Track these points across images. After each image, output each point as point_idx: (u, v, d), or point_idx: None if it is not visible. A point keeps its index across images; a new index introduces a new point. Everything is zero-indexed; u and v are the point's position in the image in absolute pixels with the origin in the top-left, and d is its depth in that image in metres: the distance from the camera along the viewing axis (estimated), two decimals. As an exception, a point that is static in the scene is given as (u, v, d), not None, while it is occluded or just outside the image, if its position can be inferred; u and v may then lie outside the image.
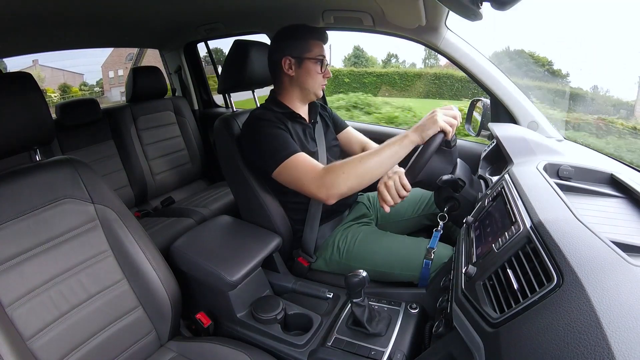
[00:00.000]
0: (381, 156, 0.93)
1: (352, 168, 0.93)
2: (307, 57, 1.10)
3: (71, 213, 0.82)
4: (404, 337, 0.85)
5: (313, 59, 1.10)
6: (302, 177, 0.97)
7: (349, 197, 1.18)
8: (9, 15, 1.13)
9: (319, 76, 1.13)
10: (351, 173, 0.93)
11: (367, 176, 0.94)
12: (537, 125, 1.22)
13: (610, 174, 0.78)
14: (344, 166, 0.94)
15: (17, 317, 0.71)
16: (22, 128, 0.78)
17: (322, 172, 0.96)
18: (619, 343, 0.33)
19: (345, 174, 0.93)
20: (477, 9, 0.73)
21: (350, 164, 0.94)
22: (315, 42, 1.12)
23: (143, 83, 2.00)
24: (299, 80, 1.12)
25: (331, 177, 0.94)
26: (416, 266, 0.99)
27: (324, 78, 1.15)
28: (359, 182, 0.94)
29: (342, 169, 0.94)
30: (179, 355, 0.88)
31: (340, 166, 0.95)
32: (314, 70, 1.12)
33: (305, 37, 1.11)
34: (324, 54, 1.13)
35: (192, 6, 1.50)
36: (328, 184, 0.94)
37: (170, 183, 2.09)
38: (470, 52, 1.25)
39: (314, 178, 0.96)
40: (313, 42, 1.11)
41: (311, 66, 1.11)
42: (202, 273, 0.99)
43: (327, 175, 0.94)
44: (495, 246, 0.60)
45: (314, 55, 1.11)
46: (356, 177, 0.93)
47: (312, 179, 0.96)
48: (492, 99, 1.29)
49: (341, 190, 0.94)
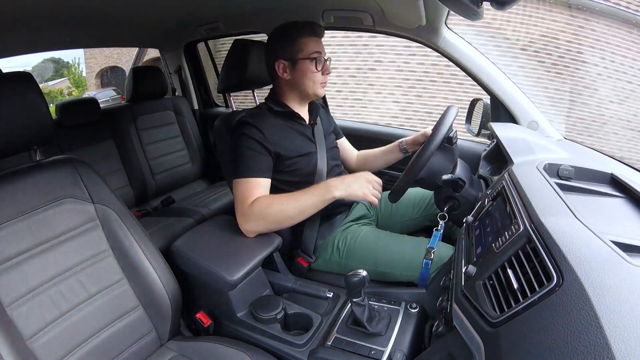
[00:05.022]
0: (302, 205, 0.98)
1: (272, 213, 0.98)
2: (300, 58, 1.06)
3: (71, 213, 0.82)
4: (403, 336, 0.85)
5: (307, 58, 1.05)
6: (237, 201, 1.02)
7: None
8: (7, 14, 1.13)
9: (316, 75, 1.08)
10: (270, 219, 0.99)
11: (285, 223, 1.01)
12: (537, 125, 1.22)
13: (610, 174, 0.78)
14: (266, 208, 0.98)
15: (17, 317, 0.71)
16: (22, 128, 0.78)
17: (249, 206, 0.99)
18: (619, 343, 0.33)
19: (265, 220, 0.99)
20: (477, 9, 0.73)
21: (271, 208, 0.98)
22: (307, 40, 1.05)
23: (143, 83, 2.00)
24: (296, 82, 1.09)
25: (252, 216, 0.98)
26: (416, 266, 0.99)
27: (323, 75, 1.10)
28: (277, 226, 1.02)
29: (264, 210, 0.98)
30: (179, 354, 0.88)
31: (263, 207, 0.98)
32: (309, 69, 1.06)
33: (294, 36, 1.06)
34: (318, 50, 1.07)
35: (192, 6, 1.50)
36: (248, 220, 0.99)
37: (170, 183, 2.09)
38: (470, 52, 1.25)
39: (242, 210, 1.00)
40: (304, 39, 1.05)
41: (306, 66, 1.06)
42: (202, 273, 0.98)
43: (250, 212, 0.98)
44: (495, 246, 0.60)
45: (307, 54, 1.05)
46: (275, 223, 1.00)
47: (240, 209, 1.00)
48: (492, 99, 1.29)
49: (256, 230, 1.01)
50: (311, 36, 1.06)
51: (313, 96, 1.13)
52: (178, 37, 2.11)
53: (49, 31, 1.45)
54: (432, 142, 0.91)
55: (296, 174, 1.10)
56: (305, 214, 1.00)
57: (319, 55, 1.07)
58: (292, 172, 1.10)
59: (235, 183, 1.02)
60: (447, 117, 0.96)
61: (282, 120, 1.10)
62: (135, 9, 1.44)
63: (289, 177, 1.10)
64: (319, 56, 1.07)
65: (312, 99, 1.17)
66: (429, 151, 0.91)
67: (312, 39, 1.06)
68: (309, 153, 1.12)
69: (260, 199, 0.99)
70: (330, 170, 1.16)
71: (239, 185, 1.02)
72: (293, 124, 1.12)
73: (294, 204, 0.98)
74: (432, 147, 0.91)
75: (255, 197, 1.00)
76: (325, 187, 0.98)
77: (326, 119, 1.29)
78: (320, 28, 1.09)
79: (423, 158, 0.91)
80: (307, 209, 0.99)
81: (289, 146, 1.07)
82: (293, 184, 1.10)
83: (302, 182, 1.11)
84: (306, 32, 1.06)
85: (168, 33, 2.01)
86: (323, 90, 1.13)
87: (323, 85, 1.12)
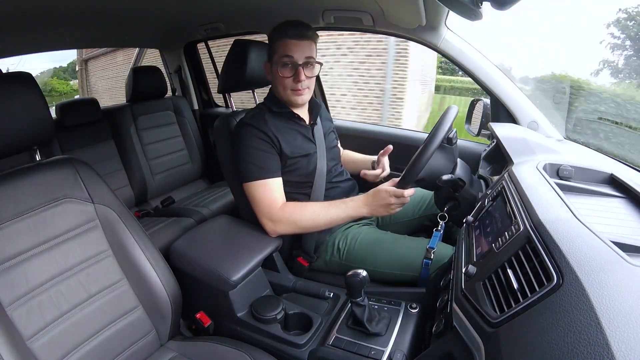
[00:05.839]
0: (334, 219, 1.03)
1: (303, 220, 1.02)
2: (274, 61, 1.03)
3: (71, 213, 0.82)
4: (404, 336, 0.85)
5: (277, 62, 1.01)
6: (260, 204, 1.04)
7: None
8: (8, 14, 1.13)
9: (285, 80, 1.02)
10: (301, 224, 1.03)
11: (312, 229, 1.05)
12: (537, 125, 1.22)
13: (610, 174, 0.78)
14: (298, 216, 1.02)
15: (17, 317, 0.71)
16: (22, 128, 0.78)
17: (278, 209, 1.03)
18: (619, 343, 0.33)
19: (296, 224, 1.03)
20: (477, 9, 0.73)
21: (304, 217, 1.02)
22: (280, 42, 1.00)
23: (143, 83, 2.00)
24: (273, 85, 1.09)
25: (282, 220, 1.02)
26: (416, 266, 0.99)
27: (295, 82, 1.01)
28: (303, 231, 1.07)
29: (295, 216, 1.02)
30: (179, 355, 0.88)
31: (294, 213, 1.02)
32: (278, 74, 1.01)
33: (273, 38, 1.02)
34: (288, 54, 0.99)
35: (192, 6, 1.50)
36: (277, 223, 1.03)
37: (170, 183, 2.09)
38: (470, 52, 1.25)
39: (270, 211, 1.03)
40: (278, 42, 1.00)
41: (277, 70, 1.02)
42: (202, 273, 0.99)
43: (281, 216, 1.02)
44: (495, 246, 0.60)
45: (278, 57, 1.01)
46: (303, 228, 1.05)
47: (267, 212, 1.03)
48: (492, 99, 1.29)
49: (283, 232, 1.06)
50: (283, 38, 1.00)
51: (287, 102, 1.08)
52: (178, 37, 2.11)
53: (49, 31, 1.45)
54: (432, 143, 0.91)
55: (296, 174, 1.10)
56: (332, 224, 1.05)
57: (289, 60, 1.00)
58: (292, 172, 1.10)
59: (251, 186, 1.03)
60: (447, 117, 0.96)
61: (281, 120, 1.10)
62: (135, 9, 1.44)
63: (289, 177, 1.10)
64: (288, 60, 1.00)
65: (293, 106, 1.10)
66: (429, 151, 0.91)
67: (286, 41, 1.00)
68: (309, 154, 1.11)
69: (291, 204, 1.04)
70: (329, 170, 1.16)
71: (257, 188, 1.03)
72: (293, 124, 1.12)
73: (325, 213, 1.02)
74: (432, 147, 0.91)
75: (279, 199, 1.03)
76: (356, 206, 1.02)
77: (325, 119, 1.28)
78: (298, 29, 1.00)
79: (423, 159, 0.91)
80: (336, 221, 1.04)
81: (290, 146, 1.07)
82: (293, 184, 1.10)
83: (302, 182, 1.11)
84: (278, 33, 1.01)
85: (168, 33, 2.01)
86: (298, 98, 1.05)
87: (295, 92, 1.04)
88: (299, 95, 1.05)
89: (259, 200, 1.03)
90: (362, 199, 1.03)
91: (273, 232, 1.05)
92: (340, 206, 1.03)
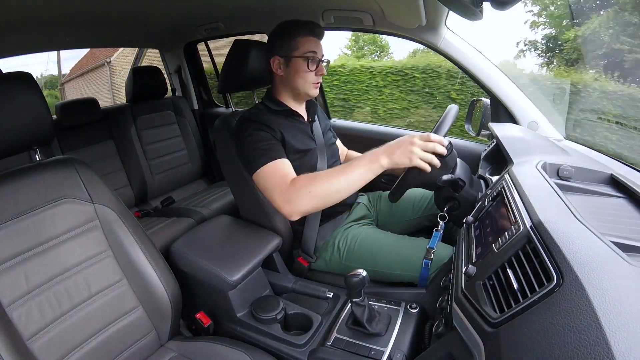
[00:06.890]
0: (350, 178, 0.89)
1: (319, 187, 0.89)
2: (295, 55, 1.06)
3: (71, 213, 0.82)
4: (403, 337, 0.85)
5: (301, 56, 1.06)
6: (272, 187, 0.95)
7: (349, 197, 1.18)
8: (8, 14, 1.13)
9: (308, 74, 1.08)
10: (318, 193, 0.89)
11: (333, 197, 0.91)
12: (537, 125, 1.22)
13: (610, 174, 0.78)
14: (311, 184, 0.90)
15: (16, 317, 0.71)
16: (22, 128, 0.78)
17: (289, 185, 0.92)
18: (619, 343, 0.33)
19: (312, 193, 0.89)
20: (477, 9, 0.73)
21: (318, 183, 0.90)
22: (304, 39, 1.06)
23: (143, 83, 2.00)
24: (289, 79, 1.10)
25: (297, 194, 0.90)
26: (416, 266, 0.99)
27: (316, 76, 1.10)
28: (324, 202, 0.92)
29: (309, 186, 0.90)
30: (179, 355, 0.88)
31: (307, 183, 0.90)
32: (302, 68, 1.07)
33: (292, 34, 1.06)
34: (313, 50, 1.07)
35: (192, 6, 1.51)
36: (293, 200, 0.90)
37: (170, 183, 2.09)
38: (470, 52, 1.25)
39: (282, 191, 0.92)
40: (301, 38, 1.06)
41: (299, 64, 1.07)
42: (202, 273, 0.99)
43: (294, 191, 0.91)
44: (495, 246, 0.60)
45: (302, 52, 1.06)
46: (322, 197, 0.90)
47: (280, 192, 0.93)
48: (492, 99, 1.29)
49: (305, 209, 0.92)
50: (308, 36, 1.07)
51: (305, 95, 1.13)
52: (178, 37, 2.11)
53: (49, 31, 1.45)
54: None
55: (296, 171, 1.10)
56: (353, 186, 0.90)
57: (314, 55, 1.07)
58: (294, 169, 1.10)
59: (260, 173, 0.97)
60: (447, 117, 0.96)
61: (282, 118, 1.10)
62: (135, 9, 1.44)
63: None
64: (313, 56, 1.07)
65: (305, 99, 1.16)
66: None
67: (309, 38, 1.07)
68: (309, 150, 1.12)
69: (300, 176, 0.94)
70: (329, 167, 1.16)
71: (265, 173, 0.96)
72: (292, 122, 1.12)
73: (340, 176, 0.90)
74: None
75: (289, 174, 0.95)
76: (372, 156, 0.89)
77: (323, 118, 1.29)
78: (320, 29, 1.10)
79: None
80: (356, 181, 0.89)
81: (292, 141, 1.08)
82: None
83: None
84: (304, 31, 1.07)
85: (168, 33, 2.01)
86: (316, 91, 1.12)
87: (315, 85, 1.11)
88: (316, 88, 1.12)
89: (271, 185, 0.95)
90: (380, 147, 0.91)
91: (292, 213, 0.92)
92: (353, 164, 0.91)
